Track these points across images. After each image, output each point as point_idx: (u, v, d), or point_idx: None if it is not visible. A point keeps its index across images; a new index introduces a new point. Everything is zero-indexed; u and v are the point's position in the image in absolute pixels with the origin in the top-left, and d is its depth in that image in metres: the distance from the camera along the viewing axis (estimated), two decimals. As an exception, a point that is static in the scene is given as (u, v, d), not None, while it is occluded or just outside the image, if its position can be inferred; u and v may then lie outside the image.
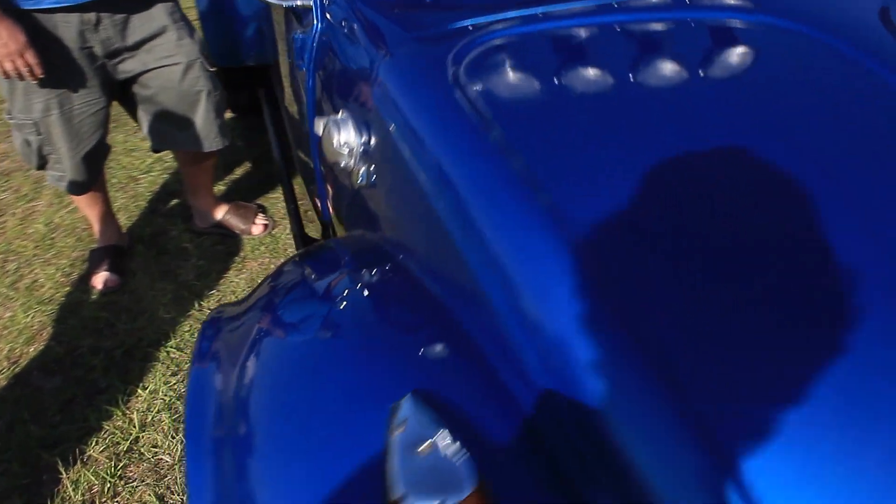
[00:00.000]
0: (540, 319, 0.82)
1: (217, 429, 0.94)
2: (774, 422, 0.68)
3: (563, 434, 0.78)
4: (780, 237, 0.84)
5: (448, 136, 1.02)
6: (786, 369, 0.72)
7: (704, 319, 0.76)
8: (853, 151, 0.94)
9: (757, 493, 0.63)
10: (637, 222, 0.86)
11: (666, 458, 0.69)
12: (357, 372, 0.91)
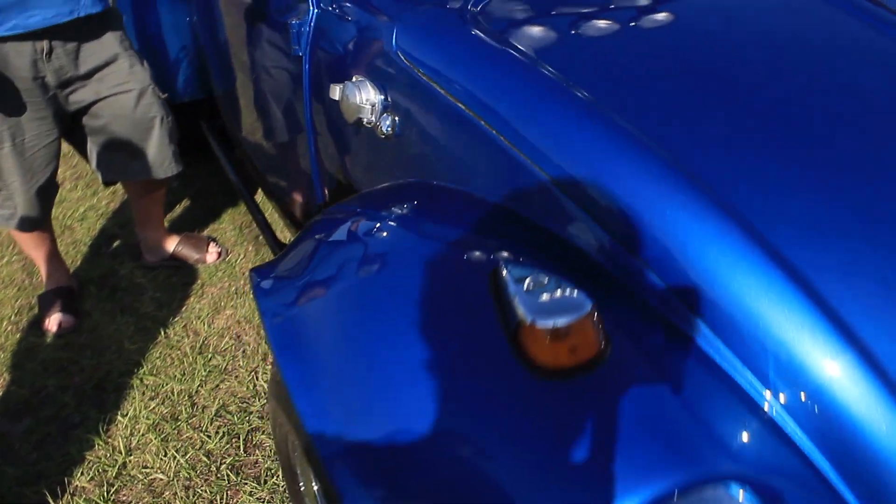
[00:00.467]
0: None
1: (308, 349, 0.99)
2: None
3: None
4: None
5: (490, 70, 1.14)
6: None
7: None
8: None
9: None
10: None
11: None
12: (425, 277, 0.99)
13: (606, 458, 0.74)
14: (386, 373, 0.88)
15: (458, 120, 1.17)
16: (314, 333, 1.00)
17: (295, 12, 1.60)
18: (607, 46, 1.20)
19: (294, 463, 1.41)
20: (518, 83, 1.12)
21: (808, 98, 1.12)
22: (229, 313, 2.52)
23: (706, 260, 0.90)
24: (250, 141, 2.43)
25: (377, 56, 1.36)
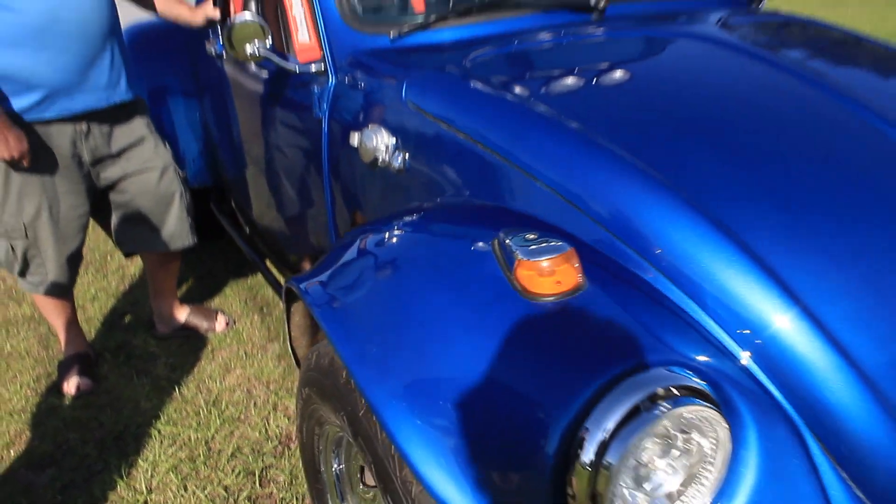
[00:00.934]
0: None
1: (369, 338, 1.19)
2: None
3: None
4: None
5: (485, 107, 1.44)
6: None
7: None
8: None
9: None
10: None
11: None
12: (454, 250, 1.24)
13: (583, 352, 0.98)
14: (422, 320, 1.11)
15: (461, 149, 1.45)
16: (355, 310, 1.23)
17: (315, 82, 1.91)
18: (574, 86, 1.51)
19: (318, 458, 1.60)
20: (508, 115, 1.41)
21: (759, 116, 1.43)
22: (239, 372, 2.71)
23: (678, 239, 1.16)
24: (262, 215, 2.70)
25: (389, 107, 1.65)
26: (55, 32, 2.23)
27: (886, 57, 1.77)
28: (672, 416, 0.91)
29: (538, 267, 1.05)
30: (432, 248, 1.25)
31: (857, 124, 1.43)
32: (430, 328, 1.10)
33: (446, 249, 1.23)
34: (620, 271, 1.15)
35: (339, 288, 1.28)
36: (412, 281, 1.19)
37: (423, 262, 1.22)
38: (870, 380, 1.08)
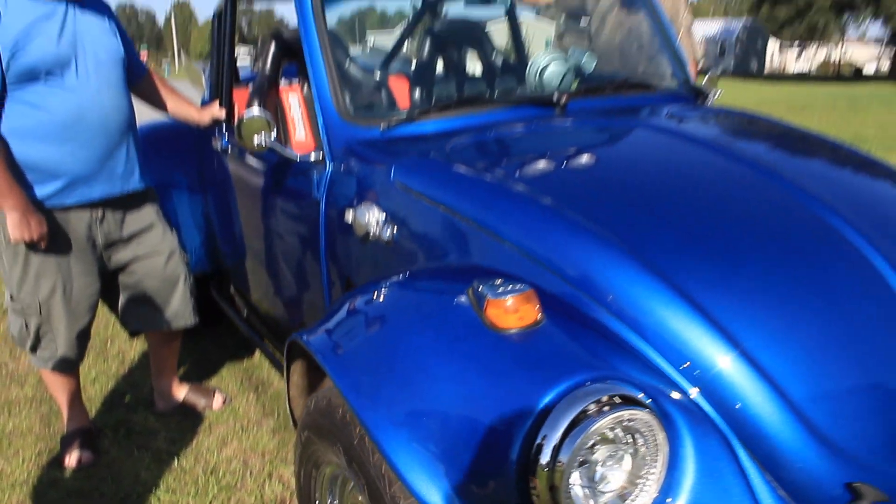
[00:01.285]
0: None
1: (363, 373, 1.39)
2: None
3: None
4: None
5: (462, 185, 1.69)
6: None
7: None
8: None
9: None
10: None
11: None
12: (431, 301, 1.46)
13: (540, 373, 1.19)
14: (408, 356, 1.32)
15: (442, 220, 1.69)
16: (350, 351, 1.44)
17: (314, 169, 2.16)
18: (539, 167, 1.77)
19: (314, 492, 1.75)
20: (483, 191, 1.66)
21: (700, 190, 1.68)
22: (236, 445, 2.85)
23: (627, 288, 1.39)
24: (260, 296, 2.91)
25: (379, 188, 1.90)
26: (79, 128, 2.49)
27: (808, 141, 2.06)
28: (612, 418, 1.11)
29: (504, 305, 1.26)
30: (416, 299, 1.47)
31: (782, 198, 1.68)
32: (414, 362, 1.30)
33: (428, 299, 1.45)
34: (576, 312, 1.37)
35: (337, 335, 1.49)
36: (399, 325, 1.40)
37: (408, 310, 1.43)
38: (791, 402, 1.28)
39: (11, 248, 2.52)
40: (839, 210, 1.60)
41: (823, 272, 1.48)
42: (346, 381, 1.34)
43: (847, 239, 1.54)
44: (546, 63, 2.54)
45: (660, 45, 2.72)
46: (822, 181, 1.75)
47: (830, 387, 1.32)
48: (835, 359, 1.35)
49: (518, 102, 2.25)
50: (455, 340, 1.30)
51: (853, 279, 1.47)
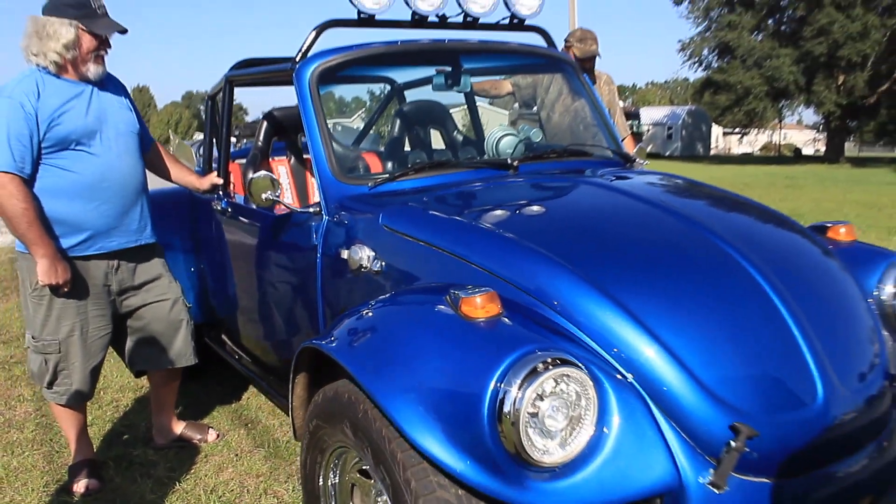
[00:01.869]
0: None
1: (368, 358, 1.82)
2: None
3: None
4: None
5: (443, 224, 2.16)
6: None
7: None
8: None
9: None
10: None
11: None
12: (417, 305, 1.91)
13: (502, 347, 1.62)
14: (402, 341, 1.76)
15: (422, 252, 2.15)
16: (355, 343, 1.86)
17: (312, 220, 2.62)
18: (498, 210, 2.25)
19: (318, 487, 2.13)
20: (455, 228, 2.13)
21: (630, 227, 2.16)
22: (231, 470, 3.18)
23: (568, 296, 1.84)
24: (252, 338, 3.30)
25: (369, 230, 2.36)
26: (102, 188, 2.91)
27: (712, 193, 2.58)
28: (554, 373, 1.55)
29: (474, 301, 1.71)
30: (405, 305, 1.91)
31: (689, 232, 2.16)
32: (408, 346, 1.74)
33: (415, 304, 1.89)
34: (529, 312, 1.82)
35: (343, 336, 1.91)
36: (394, 322, 1.84)
37: (400, 312, 1.88)
38: (691, 371, 1.73)
39: (37, 293, 2.90)
40: (728, 239, 2.08)
41: (717, 284, 1.96)
42: (355, 365, 1.76)
43: (736, 260, 2.02)
44: (501, 135, 3.07)
45: (596, 123, 3.28)
46: (718, 219, 2.25)
47: (720, 360, 1.78)
48: (723, 340, 1.82)
49: (479, 166, 2.76)
50: (438, 329, 1.74)
51: (738, 288, 1.94)
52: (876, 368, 1.99)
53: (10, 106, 2.71)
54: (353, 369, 1.76)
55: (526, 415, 1.55)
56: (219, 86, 3.70)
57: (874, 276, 2.30)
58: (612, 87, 4.80)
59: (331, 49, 2.81)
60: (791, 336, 1.86)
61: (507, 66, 3.66)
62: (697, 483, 1.66)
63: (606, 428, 1.63)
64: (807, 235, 2.33)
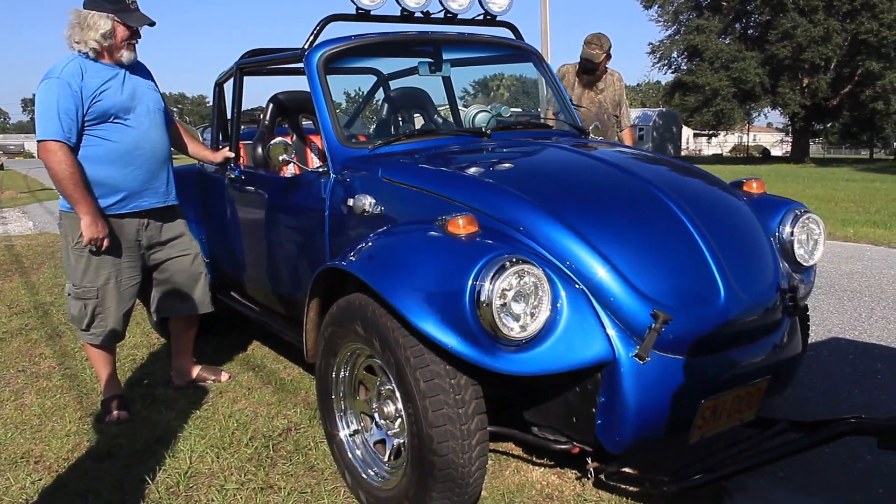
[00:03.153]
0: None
1: (376, 267, 2.35)
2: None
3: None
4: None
5: (431, 173, 2.69)
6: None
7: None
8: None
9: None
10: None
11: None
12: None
13: (478, 253, 2.15)
14: (403, 253, 2.28)
15: (415, 195, 2.67)
16: (365, 258, 2.38)
17: (320, 178, 3.14)
18: (475, 161, 2.79)
19: (330, 386, 2.65)
20: (441, 175, 2.66)
21: (588, 178, 2.70)
22: (244, 402, 3.68)
23: (530, 222, 2.38)
24: (264, 286, 3.81)
25: (370, 183, 2.88)
26: (136, 155, 3.41)
27: (653, 156, 3.14)
28: (516, 269, 2.08)
29: (457, 222, 2.25)
30: (403, 231, 2.44)
31: (632, 182, 2.69)
32: (407, 256, 2.26)
33: (411, 230, 2.42)
34: (501, 234, 2.36)
35: (355, 256, 2.43)
36: (395, 241, 2.37)
37: (400, 234, 2.40)
38: (625, 276, 2.27)
39: (79, 247, 3.37)
40: (659, 186, 2.62)
41: (647, 217, 2.49)
42: (366, 274, 2.29)
43: (663, 201, 2.55)
44: (476, 112, 3.62)
45: (558, 103, 3.84)
46: (652, 172, 2.79)
47: (646, 269, 2.31)
48: (649, 256, 2.36)
49: (458, 133, 3.32)
50: (430, 244, 2.27)
51: (663, 220, 2.48)
52: (771, 284, 2.55)
53: (59, 85, 3.20)
54: (365, 277, 2.28)
55: (497, 301, 2.08)
56: (228, 73, 4.20)
57: (777, 218, 2.87)
58: (622, 84, 5.57)
59: (335, 38, 3.34)
60: (702, 255, 2.41)
61: (481, 56, 4.19)
62: (627, 357, 2.20)
63: (558, 314, 2.17)
64: (724, 187, 2.89)
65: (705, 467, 2.39)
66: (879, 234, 8.79)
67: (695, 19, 35.32)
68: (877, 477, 2.77)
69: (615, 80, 5.53)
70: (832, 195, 14.85)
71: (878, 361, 4.13)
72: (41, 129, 3.18)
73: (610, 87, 5.46)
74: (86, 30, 3.29)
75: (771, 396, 2.69)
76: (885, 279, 6.33)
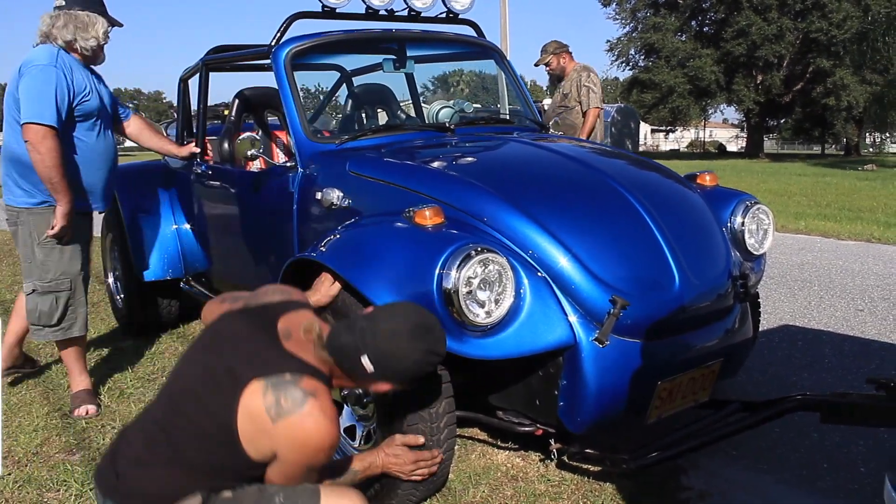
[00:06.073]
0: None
1: (346, 256, 2.43)
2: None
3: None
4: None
5: (397, 167, 2.77)
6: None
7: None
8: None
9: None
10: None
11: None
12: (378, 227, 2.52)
13: (444, 243, 2.23)
14: (370, 242, 2.36)
15: (382, 189, 2.75)
16: (333, 249, 2.46)
17: (287, 172, 3.20)
18: (439, 155, 2.88)
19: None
20: (406, 169, 2.75)
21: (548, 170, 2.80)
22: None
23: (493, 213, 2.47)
24: (233, 277, 3.85)
25: (337, 177, 2.95)
26: (104, 158, 3.48)
27: (611, 150, 3.26)
28: (481, 258, 2.17)
29: (424, 213, 2.33)
30: (371, 222, 2.52)
31: (591, 174, 2.80)
32: (376, 245, 2.35)
33: (379, 221, 2.51)
34: (466, 225, 2.45)
35: (325, 246, 2.50)
36: (364, 233, 2.46)
37: (368, 227, 2.49)
38: (585, 265, 2.38)
39: (48, 242, 3.38)
40: (617, 178, 2.74)
41: (606, 208, 2.60)
42: (337, 264, 2.36)
43: (620, 192, 2.66)
44: (439, 108, 3.72)
45: (519, 99, 3.95)
46: (610, 165, 2.92)
47: (604, 257, 2.42)
48: (607, 244, 2.47)
49: (423, 128, 3.41)
50: (398, 234, 2.35)
51: (621, 211, 2.59)
52: (723, 271, 2.68)
53: (57, 74, 3.21)
54: (335, 266, 2.36)
55: (463, 289, 2.17)
56: (193, 69, 4.23)
57: (728, 209, 3.00)
58: (580, 74, 5.81)
59: (302, 35, 3.40)
60: (657, 243, 2.53)
61: (444, 53, 4.29)
62: (588, 341, 2.31)
63: (522, 301, 2.27)
64: (678, 179, 3.02)
65: (662, 446, 2.51)
66: (829, 227, 9.09)
67: (652, 17, 35.84)
68: (821, 453, 2.93)
69: (576, 72, 5.82)
70: (785, 189, 15.26)
71: (826, 347, 4.31)
72: (34, 112, 3.12)
73: (568, 81, 5.72)
74: (85, 29, 3.31)
75: (723, 379, 2.83)
76: (833, 270, 6.57)
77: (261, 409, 1.74)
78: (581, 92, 5.71)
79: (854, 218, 9.85)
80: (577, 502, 2.58)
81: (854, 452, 2.93)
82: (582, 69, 5.85)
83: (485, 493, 2.64)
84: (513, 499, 2.61)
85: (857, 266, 6.71)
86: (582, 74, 5.78)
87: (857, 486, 2.67)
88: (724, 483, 2.71)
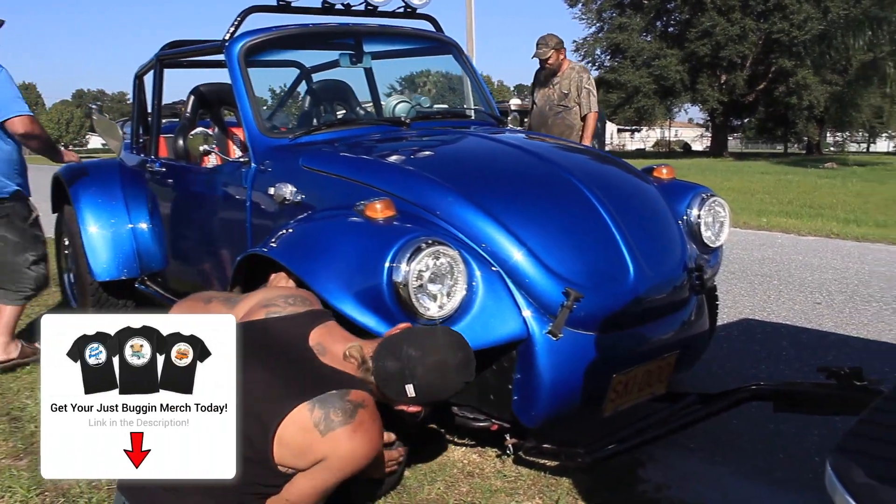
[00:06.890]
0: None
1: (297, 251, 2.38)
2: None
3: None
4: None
5: (351, 161, 2.73)
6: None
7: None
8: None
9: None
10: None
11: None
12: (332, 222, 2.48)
13: (395, 235, 2.20)
14: (322, 238, 2.32)
15: (335, 183, 2.71)
16: (286, 245, 2.41)
17: (241, 168, 3.14)
18: (394, 148, 2.85)
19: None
20: (359, 162, 2.71)
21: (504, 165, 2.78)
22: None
23: (445, 206, 2.44)
24: (189, 273, 3.78)
25: (290, 172, 2.90)
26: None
27: (568, 144, 3.25)
28: (432, 250, 2.14)
29: (374, 206, 2.30)
30: (322, 217, 2.48)
31: (547, 168, 2.78)
32: (327, 241, 2.31)
33: (332, 215, 2.46)
34: (418, 218, 2.42)
35: (276, 242, 2.46)
36: (315, 228, 2.42)
37: (319, 221, 2.45)
38: (539, 257, 2.36)
39: (36, 221, 3.67)
40: (572, 171, 2.72)
41: (560, 200, 2.59)
42: (288, 259, 2.32)
43: (575, 185, 2.65)
44: (396, 103, 3.68)
45: (476, 93, 3.93)
46: (565, 159, 2.90)
47: (558, 249, 2.41)
48: (561, 237, 2.46)
49: (378, 122, 3.38)
50: (348, 228, 2.32)
51: (575, 204, 2.58)
52: (678, 263, 2.68)
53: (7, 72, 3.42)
54: (285, 262, 2.32)
55: (414, 282, 2.14)
56: (148, 66, 4.14)
57: (685, 202, 3.01)
58: (580, 75, 5.87)
59: (256, 29, 3.34)
60: (612, 236, 2.52)
61: (402, 48, 4.25)
62: (541, 334, 2.30)
63: (474, 294, 2.25)
64: (634, 172, 3.02)
65: (618, 439, 2.50)
66: (790, 223, 9.22)
67: (617, 17, 36.11)
68: (777, 444, 2.95)
69: (575, 72, 5.85)
70: (748, 187, 15.46)
71: (784, 340, 4.36)
72: (22, 106, 3.47)
73: (566, 80, 5.74)
74: None
75: (681, 371, 2.83)
76: (793, 264, 6.65)
77: (309, 424, 1.81)
78: (581, 94, 5.75)
79: (814, 215, 10.00)
80: (533, 497, 2.56)
81: (809, 442, 2.95)
82: (581, 70, 5.91)
83: (441, 490, 2.61)
84: (469, 495, 2.59)
85: (816, 261, 6.80)
86: (583, 76, 5.83)
87: (811, 475, 2.68)
88: (680, 475, 2.71)
